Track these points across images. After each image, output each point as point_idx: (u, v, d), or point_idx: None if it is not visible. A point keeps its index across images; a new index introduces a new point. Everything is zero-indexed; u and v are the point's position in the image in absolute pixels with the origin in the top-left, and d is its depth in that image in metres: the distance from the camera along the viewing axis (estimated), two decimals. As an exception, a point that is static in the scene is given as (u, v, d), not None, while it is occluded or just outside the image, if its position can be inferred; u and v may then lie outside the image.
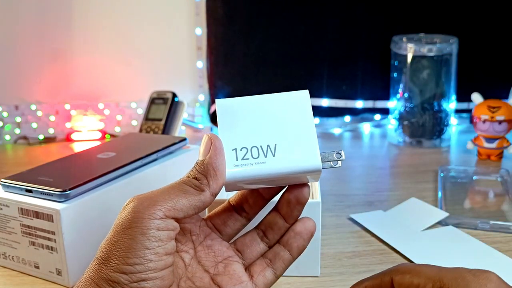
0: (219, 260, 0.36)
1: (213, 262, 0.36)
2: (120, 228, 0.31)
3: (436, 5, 0.96)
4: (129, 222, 0.31)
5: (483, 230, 0.58)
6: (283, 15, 0.97)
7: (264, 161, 0.34)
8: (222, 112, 0.36)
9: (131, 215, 0.31)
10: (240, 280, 0.35)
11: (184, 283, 0.35)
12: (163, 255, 0.31)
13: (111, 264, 0.31)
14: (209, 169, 0.33)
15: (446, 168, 0.76)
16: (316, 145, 0.35)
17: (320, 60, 0.99)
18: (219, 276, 0.35)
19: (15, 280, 0.51)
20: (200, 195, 0.33)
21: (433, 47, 0.86)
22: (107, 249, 0.31)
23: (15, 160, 0.91)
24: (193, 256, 0.36)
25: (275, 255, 0.37)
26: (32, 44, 0.99)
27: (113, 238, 0.31)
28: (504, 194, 0.70)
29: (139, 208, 0.31)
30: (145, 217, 0.31)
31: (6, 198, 0.50)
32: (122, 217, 0.32)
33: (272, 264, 0.37)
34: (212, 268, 0.36)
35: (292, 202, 0.36)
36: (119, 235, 0.31)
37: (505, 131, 0.81)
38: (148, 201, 0.32)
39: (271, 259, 0.37)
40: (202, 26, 1.00)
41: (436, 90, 0.88)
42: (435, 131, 0.90)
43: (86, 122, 0.99)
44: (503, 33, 0.97)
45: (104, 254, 0.31)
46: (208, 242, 0.37)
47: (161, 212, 0.31)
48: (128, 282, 0.30)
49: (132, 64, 1.01)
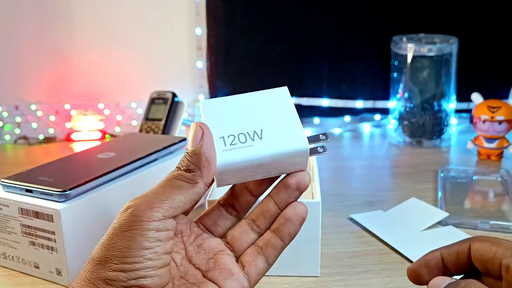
0: (210, 256, 0.36)
1: (204, 259, 0.36)
2: (119, 231, 0.31)
3: (436, 5, 0.96)
4: (128, 226, 0.31)
5: (483, 230, 0.59)
6: (283, 15, 0.97)
7: (252, 144, 0.35)
8: (206, 110, 0.36)
9: (130, 219, 0.31)
10: (231, 273, 0.35)
11: (178, 281, 0.35)
12: (162, 254, 0.31)
13: (109, 264, 0.31)
14: (201, 159, 0.33)
15: (446, 168, 0.76)
16: (301, 129, 0.35)
17: (320, 60, 0.99)
18: (210, 272, 0.35)
19: (15, 280, 0.51)
20: (195, 188, 0.33)
21: (433, 47, 0.86)
22: (104, 250, 0.31)
23: (15, 160, 0.91)
24: (184, 256, 0.36)
25: (266, 243, 0.36)
26: (32, 44, 0.99)
27: (110, 240, 0.31)
28: (504, 194, 0.70)
29: (138, 213, 0.31)
30: (144, 221, 0.31)
31: (6, 198, 0.50)
32: (120, 221, 0.32)
33: (264, 252, 0.36)
34: (203, 265, 0.36)
35: (291, 187, 0.35)
36: (117, 237, 0.31)
37: (505, 131, 0.81)
38: (145, 204, 0.32)
39: (262, 247, 0.36)
40: (202, 26, 1.00)
41: (436, 90, 0.88)
42: (435, 131, 0.90)
43: (86, 122, 0.99)
44: (503, 33, 0.97)
45: (101, 255, 0.31)
46: (199, 241, 0.37)
47: (160, 214, 0.31)
48: (127, 279, 0.30)
49: (132, 64, 1.01)
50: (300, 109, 1.01)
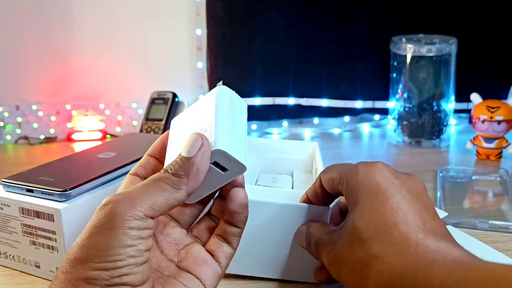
0: (181, 247, 0.37)
1: (175, 250, 0.37)
2: (99, 229, 0.31)
3: (436, 6, 0.96)
4: (109, 224, 0.31)
5: (482, 230, 0.59)
6: (283, 15, 0.98)
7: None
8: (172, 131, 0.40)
9: (111, 217, 0.31)
10: (205, 260, 0.36)
11: (154, 274, 0.35)
12: (143, 251, 0.31)
13: (90, 264, 0.30)
14: (193, 168, 0.33)
15: (445, 168, 0.76)
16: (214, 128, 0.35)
17: (319, 60, 1.00)
18: (183, 261, 0.36)
19: (16, 279, 0.51)
20: (177, 194, 0.33)
21: (432, 47, 0.87)
22: (84, 250, 0.31)
23: (16, 160, 0.92)
24: (156, 247, 0.36)
25: (224, 232, 0.37)
26: (33, 44, 0.99)
27: (90, 239, 0.31)
28: (503, 194, 0.70)
29: (119, 210, 0.31)
30: (126, 219, 0.31)
31: (7, 198, 0.50)
32: (100, 219, 0.31)
33: (226, 240, 0.37)
34: (175, 257, 0.36)
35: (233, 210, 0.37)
36: (98, 236, 0.31)
37: (504, 131, 0.81)
38: (127, 202, 0.31)
39: (223, 236, 0.38)
40: (202, 27, 1.00)
41: (435, 90, 0.89)
42: (434, 131, 0.90)
43: (87, 122, 0.99)
44: (502, 33, 0.97)
45: (81, 255, 0.31)
46: (168, 230, 0.37)
47: (141, 213, 0.31)
48: (109, 277, 0.30)
49: (132, 65, 1.02)
50: (300, 109, 1.02)
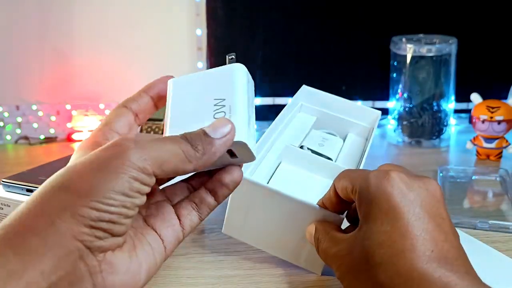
0: (151, 202, 0.36)
1: (145, 203, 0.36)
2: (103, 167, 0.30)
3: (436, 6, 0.96)
4: (114, 167, 0.30)
5: (482, 230, 0.59)
6: (283, 15, 0.98)
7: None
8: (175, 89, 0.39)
9: (119, 161, 0.30)
10: (172, 223, 0.36)
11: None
12: (135, 206, 0.31)
13: (83, 198, 0.29)
14: (211, 149, 0.32)
15: (445, 168, 0.76)
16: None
17: (320, 60, 1.00)
18: (151, 218, 0.35)
19: (16, 279, 0.51)
20: (186, 165, 0.32)
21: (432, 47, 0.87)
22: (78, 181, 0.30)
23: (16, 160, 0.92)
24: None
25: (201, 200, 0.37)
26: (33, 44, 0.99)
27: (90, 173, 0.30)
28: (503, 194, 0.70)
29: (130, 157, 0.30)
30: (135, 168, 0.30)
31: (7, 198, 0.50)
32: (106, 157, 0.30)
33: (198, 209, 0.37)
34: (144, 210, 0.36)
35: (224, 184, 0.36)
36: (98, 173, 0.30)
37: (504, 131, 0.81)
38: (139, 151, 0.30)
39: (198, 204, 0.37)
40: (202, 27, 1.00)
41: (435, 90, 0.89)
42: (434, 131, 0.90)
43: (87, 122, 0.99)
44: (502, 33, 0.97)
45: (72, 184, 0.30)
46: None
47: (150, 168, 0.31)
48: (97, 219, 0.29)
49: (132, 65, 1.02)
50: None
